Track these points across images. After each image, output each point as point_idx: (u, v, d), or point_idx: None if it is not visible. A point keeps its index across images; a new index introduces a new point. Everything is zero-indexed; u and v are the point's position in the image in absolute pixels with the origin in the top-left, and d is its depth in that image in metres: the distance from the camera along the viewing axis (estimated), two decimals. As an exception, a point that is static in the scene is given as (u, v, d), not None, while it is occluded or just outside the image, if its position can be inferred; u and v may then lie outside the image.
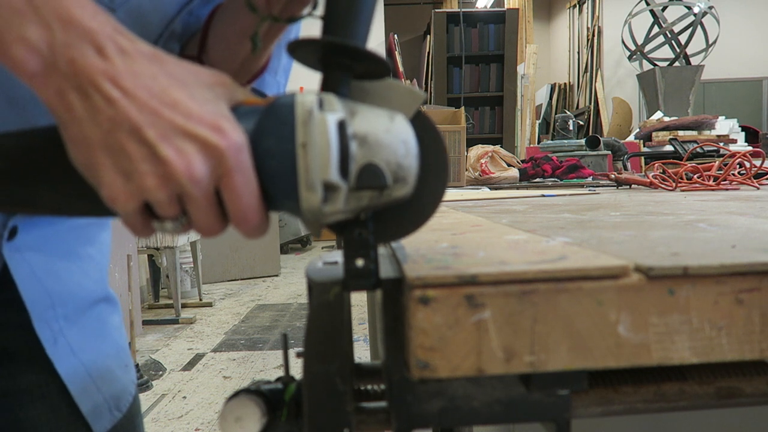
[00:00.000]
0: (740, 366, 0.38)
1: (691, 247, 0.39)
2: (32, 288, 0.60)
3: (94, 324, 0.67)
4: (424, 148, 0.39)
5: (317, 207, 0.35)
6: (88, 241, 0.68)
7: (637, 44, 7.04)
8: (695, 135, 3.16)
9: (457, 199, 1.22)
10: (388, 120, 0.37)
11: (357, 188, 0.36)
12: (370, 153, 0.36)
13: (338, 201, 0.36)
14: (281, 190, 0.37)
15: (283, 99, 0.37)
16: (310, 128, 0.35)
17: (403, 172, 0.37)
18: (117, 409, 0.67)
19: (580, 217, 0.68)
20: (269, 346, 3.41)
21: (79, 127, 0.35)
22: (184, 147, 0.35)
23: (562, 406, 0.36)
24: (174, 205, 0.37)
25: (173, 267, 3.94)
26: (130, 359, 0.73)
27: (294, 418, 0.40)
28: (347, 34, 0.38)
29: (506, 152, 2.50)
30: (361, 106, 0.38)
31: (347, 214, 0.37)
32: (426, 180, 0.39)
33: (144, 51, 0.37)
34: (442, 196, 0.40)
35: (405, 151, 0.37)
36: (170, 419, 2.46)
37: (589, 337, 0.32)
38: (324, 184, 0.35)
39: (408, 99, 0.39)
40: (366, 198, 0.37)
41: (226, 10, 0.58)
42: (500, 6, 7.91)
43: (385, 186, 0.36)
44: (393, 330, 0.36)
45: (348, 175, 0.36)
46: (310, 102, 0.35)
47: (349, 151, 0.36)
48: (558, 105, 8.52)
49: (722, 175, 1.30)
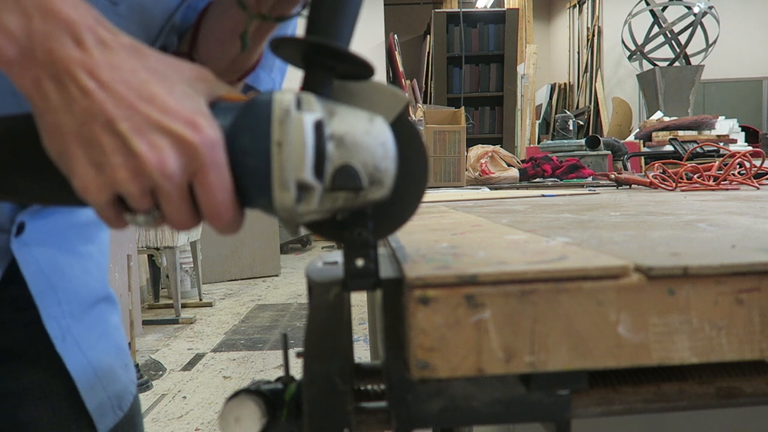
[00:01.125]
0: (740, 366, 0.38)
1: (691, 247, 0.39)
2: (40, 284, 0.60)
3: (97, 323, 0.67)
4: (405, 151, 0.39)
5: (290, 206, 0.35)
6: (88, 239, 0.68)
7: (637, 44, 7.04)
8: (695, 135, 3.16)
9: (457, 199, 1.22)
10: (367, 122, 0.37)
11: (332, 189, 0.36)
12: (346, 154, 0.36)
13: (312, 201, 0.36)
14: (255, 188, 0.37)
15: (261, 97, 0.37)
16: (286, 127, 0.35)
17: (379, 175, 0.36)
18: (119, 408, 0.68)
19: (580, 217, 0.68)
20: (269, 346, 3.41)
21: (54, 116, 0.35)
22: (158, 141, 0.35)
23: (562, 406, 0.36)
24: (146, 198, 0.37)
25: (173, 267, 3.94)
26: (129, 359, 0.73)
27: (294, 418, 0.40)
28: (330, 35, 0.38)
29: (506, 152, 2.50)
30: (341, 106, 0.38)
31: (322, 215, 0.37)
32: (406, 183, 0.39)
33: (125, 44, 0.37)
34: (421, 199, 0.40)
35: (383, 154, 0.37)
36: (170, 419, 2.46)
37: (589, 337, 0.32)
38: (298, 183, 0.35)
39: (391, 101, 0.39)
40: (341, 199, 0.37)
41: (216, 7, 0.58)
42: (500, 6, 7.91)
43: (361, 188, 0.36)
44: (393, 330, 0.36)
45: (323, 175, 0.36)
46: (288, 101, 0.35)
47: (326, 151, 0.36)
48: (558, 105, 8.52)
49: (722, 175, 1.30)
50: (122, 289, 3.18)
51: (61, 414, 0.62)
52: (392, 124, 0.38)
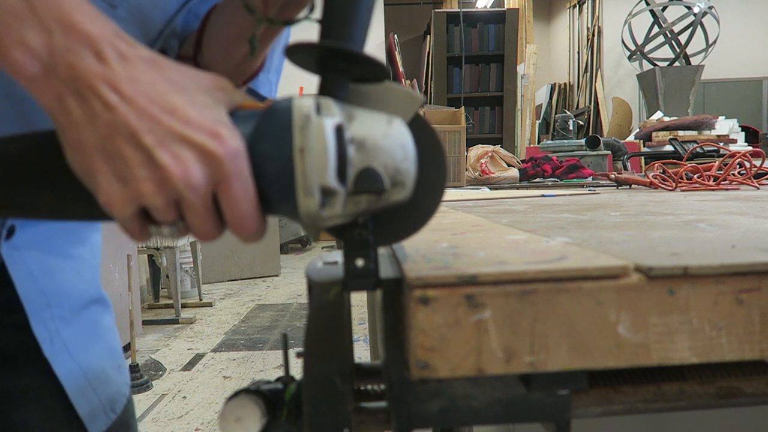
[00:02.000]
0: (740, 366, 0.38)
1: (691, 247, 0.39)
2: (29, 287, 0.60)
3: (88, 325, 0.67)
4: (422, 151, 0.39)
5: (315, 212, 0.35)
6: (79, 242, 0.68)
7: (637, 44, 7.04)
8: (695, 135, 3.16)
9: (457, 199, 1.22)
10: (386, 124, 0.37)
11: (355, 193, 0.36)
12: (368, 157, 0.36)
13: (336, 205, 0.36)
14: (279, 195, 0.36)
15: (281, 103, 0.36)
16: (308, 133, 0.35)
17: (401, 176, 0.36)
18: (112, 410, 0.67)
19: (580, 217, 0.68)
20: (269, 346, 3.41)
21: (77, 131, 0.35)
22: (182, 153, 0.35)
23: (562, 406, 0.36)
24: (171, 210, 0.37)
25: (173, 267, 3.94)
26: (123, 361, 0.72)
27: (294, 418, 0.40)
28: (344, 38, 0.38)
29: (506, 152, 2.50)
30: (359, 110, 0.38)
31: (345, 218, 0.37)
32: (425, 183, 0.39)
33: (144, 56, 0.37)
34: (441, 198, 0.40)
35: (403, 155, 0.37)
36: (170, 419, 2.46)
37: (589, 337, 0.32)
38: (321, 188, 0.35)
39: (406, 102, 0.39)
40: (364, 202, 0.37)
41: (222, 11, 0.58)
42: (500, 6, 7.91)
43: (383, 190, 0.36)
44: (393, 330, 0.36)
45: (346, 179, 0.36)
46: (308, 106, 0.35)
47: (347, 155, 0.36)
48: (558, 105, 8.52)
49: (722, 175, 1.30)
50: (122, 289, 3.18)
51: (53, 417, 0.62)
52: (409, 125, 0.38)
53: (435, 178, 0.39)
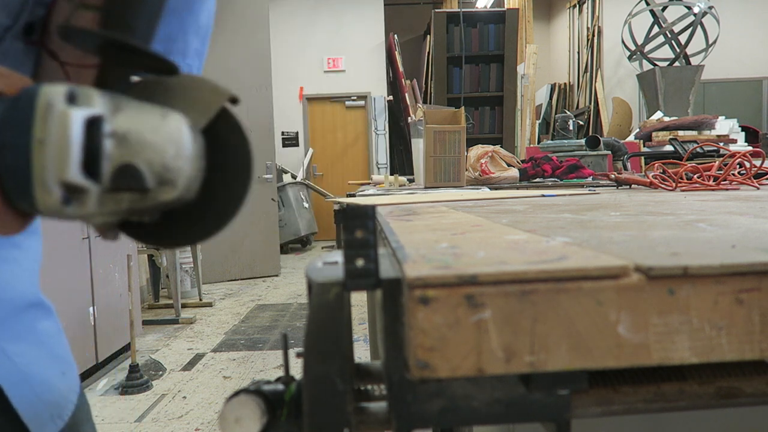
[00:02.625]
0: (740, 366, 0.38)
1: (691, 247, 0.39)
2: None
3: (27, 330, 0.65)
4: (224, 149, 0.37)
5: (56, 208, 0.33)
6: (13, 244, 0.66)
7: (637, 44, 7.04)
8: (695, 135, 3.16)
9: (457, 199, 1.22)
10: (158, 119, 0.34)
11: (113, 190, 0.34)
12: (129, 153, 0.34)
13: (87, 203, 0.33)
14: (16, 187, 0.34)
15: (30, 90, 0.34)
16: (49, 123, 0.32)
17: (170, 174, 0.34)
18: (59, 417, 0.65)
19: (580, 217, 0.68)
20: (269, 346, 3.41)
21: None
22: None
23: (562, 406, 0.36)
24: None
25: (173, 267, 3.94)
26: (69, 366, 0.70)
27: (294, 418, 0.40)
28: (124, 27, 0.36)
29: (506, 152, 2.50)
30: (131, 102, 0.35)
31: (109, 216, 0.35)
32: (223, 182, 0.37)
33: None
34: (244, 198, 0.38)
35: (175, 152, 0.34)
36: (170, 419, 2.46)
37: (589, 337, 0.32)
38: (63, 184, 0.33)
39: (211, 96, 0.37)
40: (126, 201, 0.34)
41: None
42: (500, 6, 7.92)
43: (146, 188, 0.34)
44: (393, 330, 0.36)
45: (99, 175, 0.33)
46: (55, 94, 0.33)
47: (101, 149, 0.33)
48: (558, 105, 8.52)
49: (722, 175, 1.30)
50: (122, 289, 3.18)
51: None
52: (214, 121, 0.36)
53: (236, 177, 0.37)
